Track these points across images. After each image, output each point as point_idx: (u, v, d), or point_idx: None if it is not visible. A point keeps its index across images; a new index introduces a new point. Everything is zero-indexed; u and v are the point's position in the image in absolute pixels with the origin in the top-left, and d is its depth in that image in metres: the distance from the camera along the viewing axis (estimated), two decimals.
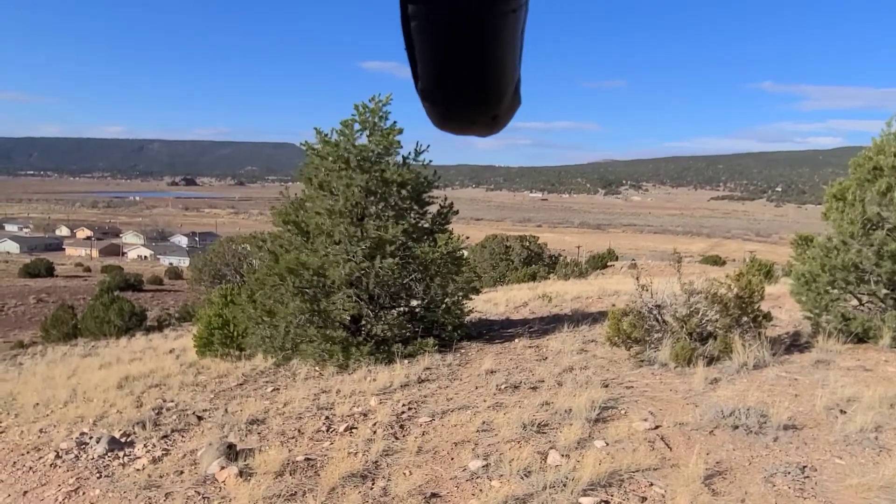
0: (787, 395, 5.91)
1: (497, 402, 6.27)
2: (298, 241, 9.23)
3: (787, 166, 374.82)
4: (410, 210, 9.84)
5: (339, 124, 9.33)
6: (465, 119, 0.71)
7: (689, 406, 5.71)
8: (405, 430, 5.67)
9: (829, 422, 5.14)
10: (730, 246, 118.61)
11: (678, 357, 7.06)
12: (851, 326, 7.59)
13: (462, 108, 0.69)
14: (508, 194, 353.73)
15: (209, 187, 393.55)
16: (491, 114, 0.70)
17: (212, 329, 10.42)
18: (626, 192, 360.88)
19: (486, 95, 0.67)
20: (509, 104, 0.71)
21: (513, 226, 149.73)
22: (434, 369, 8.11)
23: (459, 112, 0.69)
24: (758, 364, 6.84)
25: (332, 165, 9.27)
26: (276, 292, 8.81)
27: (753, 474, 4.27)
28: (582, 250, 71.43)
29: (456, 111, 0.69)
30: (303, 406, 6.72)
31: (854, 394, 5.66)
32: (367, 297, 9.31)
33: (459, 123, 0.71)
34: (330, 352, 8.65)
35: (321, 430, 5.83)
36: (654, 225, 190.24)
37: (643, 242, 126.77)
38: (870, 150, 7.81)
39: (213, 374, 9.21)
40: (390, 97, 9.51)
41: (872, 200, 7.47)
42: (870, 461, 4.37)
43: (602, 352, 8.27)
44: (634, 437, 4.98)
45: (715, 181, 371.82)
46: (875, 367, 6.71)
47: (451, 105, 0.68)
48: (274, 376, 8.74)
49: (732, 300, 7.51)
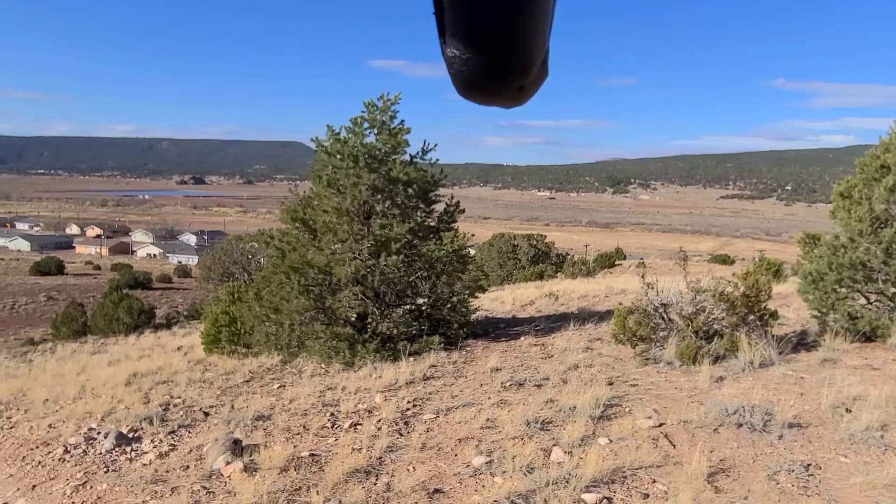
0: (793, 393, 5.88)
1: (501, 399, 6.28)
2: (305, 238, 9.28)
3: (798, 165, 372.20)
4: (417, 208, 9.87)
5: (348, 122, 9.36)
6: (491, 89, 0.70)
7: (694, 404, 5.70)
8: (409, 426, 5.70)
9: (834, 420, 5.11)
10: (739, 245, 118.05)
11: (683, 355, 7.05)
12: (859, 325, 7.54)
13: (490, 76, 0.68)
14: (516, 193, 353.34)
15: (218, 186, 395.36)
16: (518, 84, 0.70)
17: (219, 326, 10.48)
18: (634, 190, 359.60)
19: (515, 64, 0.67)
20: (536, 75, 0.70)
21: (520, 224, 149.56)
22: (439, 367, 8.13)
23: (487, 81, 0.68)
24: (764, 362, 6.82)
25: (341, 163, 9.30)
26: (282, 290, 8.86)
27: (757, 472, 4.26)
28: (590, 249, 71.27)
29: (483, 79, 0.68)
30: (308, 403, 6.76)
31: (860, 392, 5.63)
32: (373, 295, 9.35)
33: (486, 93, 0.70)
34: (336, 349, 8.69)
35: (326, 427, 5.86)
36: (662, 224, 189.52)
37: (651, 241, 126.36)
38: (877, 148, 7.75)
39: (220, 371, 9.27)
40: (399, 96, 9.54)
41: (880, 198, 7.42)
42: (875, 460, 4.35)
43: (608, 350, 8.26)
44: (638, 435, 4.98)
45: (724, 180, 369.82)
46: (882, 366, 6.66)
47: (478, 73, 0.67)
48: (280, 373, 8.79)
49: (739, 298, 7.48)
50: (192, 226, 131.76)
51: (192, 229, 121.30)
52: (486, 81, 0.68)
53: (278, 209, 10.07)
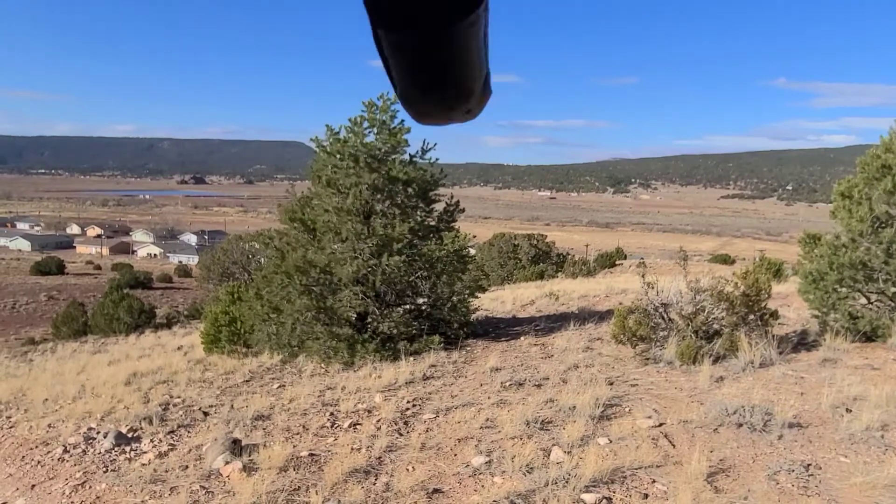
0: (793, 393, 5.88)
1: (501, 399, 6.27)
2: (305, 238, 9.27)
3: (799, 164, 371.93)
4: (417, 208, 9.87)
5: (348, 121, 9.35)
6: (440, 116, 0.79)
7: (694, 404, 5.70)
8: (409, 426, 5.69)
9: (834, 420, 5.11)
10: (739, 245, 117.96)
11: (683, 355, 7.04)
12: (859, 325, 7.54)
13: (436, 107, 0.76)
14: (517, 193, 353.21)
15: (218, 186, 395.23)
16: (464, 109, 0.78)
17: (219, 326, 10.48)
18: (635, 190, 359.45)
19: (457, 95, 0.74)
20: (479, 97, 0.78)
21: (521, 224, 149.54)
22: (439, 366, 8.13)
23: (434, 111, 0.77)
24: (764, 362, 6.81)
25: (341, 163, 9.30)
26: (282, 290, 8.85)
27: (757, 472, 4.25)
28: (590, 249, 71.22)
29: (431, 111, 0.77)
30: (308, 402, 6.75)
31: (861, 392, 5.62)
32: (374, 295, 9.34)
33: (437, 120, 0.80)
34: (335, 349, 8.68)
35: (325, 427, 5.86)
36: (662, 224, 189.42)
37: (652, 241, 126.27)
38: (878, 147, 7.74)
39: (220, 371, 9.27)
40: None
41: (880, 198, 7.40)
42: (875, 460, 4.34)
43: (608, 350, 8.26)
44: (638, 435, 4.97)
45: (725, 180, 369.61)
46: (883, 366, 6.65)
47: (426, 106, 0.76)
48: (280, 373, 8.79)
49: (739, 298, 7.47)
50: (193, 225, 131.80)
51: (192, 229, 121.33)
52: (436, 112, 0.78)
53: (276, 209, 10.06)
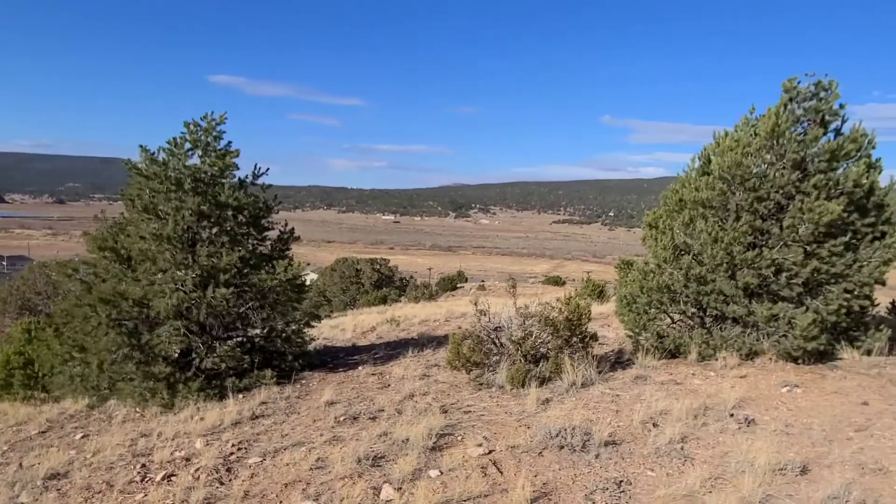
0: (610, 411, 6.28)
1: (334, 435, 6.04)
2: (117, 269, 8.37)
3: (619, 193, 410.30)
4: (249, 235, 9.36)
5: (166, 143, 8.66)
6: None
7: (522, 428, 5.88)
8: (232, 473, 5.27)
9: (644, 435, 5.51)
10: (570, 266, 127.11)
11: (513, 379, 7.29)
12: (665, 343, 8.31)
13: None
14: (361, 216, 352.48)
15: (21, 205, 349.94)
16: None
17: (11, 369, 9.11)
18: (475, 215, 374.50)
19: None
20: None
21: (365, 248, 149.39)
22: (271, 403, 7.69)
23: None
24: (585, 382, 7.24)
25: (160, 187, 8.56)
26: (87, 325, 7.89)
27: (576, 493, 4.44)
28: (433, 272, 72.81)
29: None
30: (116, 454, 6.04)
31: (665, 407, 6.13)
32: (198, 328, 8.65)
33: None
34: (153, 390, 7.90)
35: (134, 481, 5.25)
36: (501, 247, 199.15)
37: (492, 264, 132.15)
38: (675, 183, 8.67)
39: (11, 422, 8.07)
40: (224, 116, 9.02)
41: (679, 229, 8.27)
42: (676, 471, 4.72)
43: (444, 376, 8.33)
44: (468, 464, 5.00)
45: (556, 205, 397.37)
46: (684, 381, 7.35)
47: None
48: (86, 420, 7.82)
49: (563, 322, 7.91)
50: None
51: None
52: None
53: (82, 237, 9.02)
